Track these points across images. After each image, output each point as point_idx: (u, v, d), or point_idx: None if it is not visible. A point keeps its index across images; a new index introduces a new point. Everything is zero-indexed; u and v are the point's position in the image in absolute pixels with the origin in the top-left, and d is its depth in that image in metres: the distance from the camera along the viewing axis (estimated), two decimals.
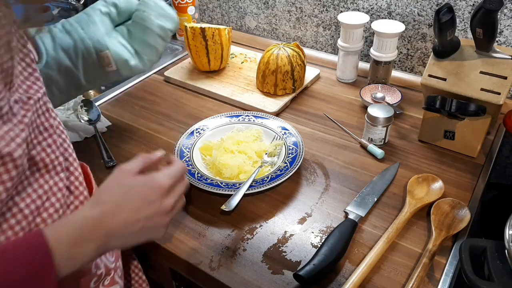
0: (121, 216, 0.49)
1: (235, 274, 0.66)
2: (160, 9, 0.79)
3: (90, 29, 0.76)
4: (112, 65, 0.77)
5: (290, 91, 1.05)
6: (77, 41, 0.75)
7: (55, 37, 0.74)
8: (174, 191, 0.54)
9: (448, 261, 0.66)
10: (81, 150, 0.93)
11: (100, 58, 0.76)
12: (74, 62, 0.75)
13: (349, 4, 1.15)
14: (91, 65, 0.76)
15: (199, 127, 0.92)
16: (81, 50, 0.75)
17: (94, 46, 0.75)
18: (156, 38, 0.80)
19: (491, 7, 0.70)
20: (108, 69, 0.78)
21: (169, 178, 0.54)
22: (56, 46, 0.74)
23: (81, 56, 0.75)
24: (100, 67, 0.77)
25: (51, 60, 0.73)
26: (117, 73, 0.80)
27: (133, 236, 0.51)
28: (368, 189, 0.79)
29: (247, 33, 1.40)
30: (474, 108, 0.77)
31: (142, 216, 0.50)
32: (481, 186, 0.79)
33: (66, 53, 0.74)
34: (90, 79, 0.78)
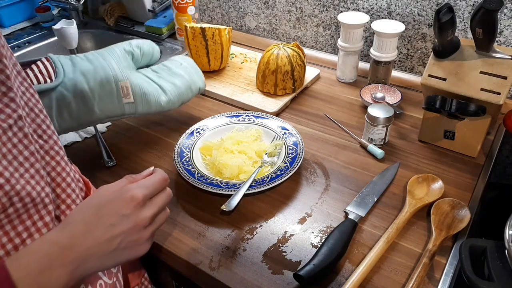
0: (93, 235, 0.46)
1: (235, 274, 0.66)
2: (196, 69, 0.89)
3: (112, 60, 0.77)
4: (130, 96, 0.77)
5: (290, 91, 1.05)
6: (98, 68, 0.75)
7: (75, 62, 0.75)
8: (152, 202, 0.51)
9: (448, 261, 0.66)
10: (81, 150, 0.93)
11: (119, 88, 0.76)
12: (91, 87, 0.74)
13: (349, 4, 1.15)
14: (108, 93, 0.76)
15: (199, 127, 0.92)
16: (100, 76, 0.75)
17: (114, 75, 0.75)
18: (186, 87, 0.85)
19: (491, 7, 0.70)
20: (125, 100, 0.77)
21: (143, 188, 0.50)
22: (76, 70, 0.74)
23: (99, 82, 0.75)
24: (118, 98, 0.77)
25: (68, 81, 0.73)
26: (134, 106, 0.79)
27: (111, 257, 0.47)
28: (368, 189, 0.79)
29: (247, 33, 1.40)
30: (474, 108, 0.77)
31: (117, 233, 0.47)
32: (481, 186, 0.79)
33: (84, 77, 0.74)
34: (104, 109, 0.77)
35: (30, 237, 0.45)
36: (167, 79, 0.83)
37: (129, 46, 0.81)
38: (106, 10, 1.48)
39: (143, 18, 1.45)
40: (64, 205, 0.51)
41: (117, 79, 0.76)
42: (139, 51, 0.82)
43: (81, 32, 1.36)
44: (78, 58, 0.76)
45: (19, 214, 0.44)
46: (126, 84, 0.76)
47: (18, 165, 0.44)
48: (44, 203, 0.46)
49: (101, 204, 0.48)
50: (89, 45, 1.53)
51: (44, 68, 0.73)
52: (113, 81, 0.75)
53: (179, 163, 0.83)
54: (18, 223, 0.44)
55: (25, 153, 0.45)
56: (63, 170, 0.50)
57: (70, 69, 0.74)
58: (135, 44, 0.83)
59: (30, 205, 0.44)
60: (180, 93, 0.84)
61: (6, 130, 0.42)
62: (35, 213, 0.45)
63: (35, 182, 0.45)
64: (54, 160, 0.50)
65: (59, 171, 0.50)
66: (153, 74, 0.83)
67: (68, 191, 0.51)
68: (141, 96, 0.79)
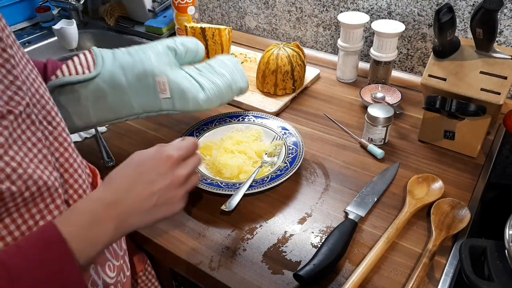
0: (135, 192, 0.49)
1: (235, 274, 0.66)
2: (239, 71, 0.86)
3: (152, 55, 0.77)
4: (167, 92, 0.76)
5: (290, 91, 1.05)
6: (137, 62, 0.75)
7: (116, 55, 0.76)
8: (186, 163, 0.55)
9: (448, 261, 0.66)
10: (81, 150, 0.92)
11: (156, 83, 0.76)
12: (129, 80, 0.74)
13: (349, 4, 1.15)
14: (145, 87, 0.75)
15: (199, 127, 0.92)
16: (138, 70, 0.74)
17: (151, 70, 0.75)
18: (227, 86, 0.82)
19: (491, 7, 0.70)
20: (162, 95, 0.77)
21: (178, 150, 0.54)
22: (115, 62, 0.74)
23: (137, 75, 0.74)
24: (154, 92, 0.76)
25: (106, 72, 0.73)
26: (171, 102, 0.78)
27: (150, 213, 0.51)
28: (368, 189, 0.79)
29: (247, 33, 1.40)
30: (474, 108, 0.77)
31: (156, 189, 0.51)
32: (481, 186, 0.79)
33: (123, 70, 0.74)
34: (140, 102, 0.76)
35: (42, 219, 0.47)
36: (208, 77, 0.82)
37: (173, 42, 0.81)
38: (106, 10, 1.48)
39: (143, 18, 1.45)
40: (72, 189, 0.52)
41: (154, 74, 0.75)
42: (183, 48, 0.81)
43: (81, 32, 1.36)
44: (119, 51, 0.77)
45: (34, 197, 0.45)
46: (163, 79, 0.76)
47: (27, 150, 0.45)
48: (55, 187, 0.48)
49: (139, 163, 0.52)
50: (89, 45, 1.53)
51: (85, 59, 0.74)
52: (150, 75, 0.75)
53: None
54: (32, 206, 0.46)
55: (33, 139, 0.46)
56: (70, 156, 0.52)
57: (110, 62, 0.74)
58: (179, 41, 0.82)
59: (44, 188, 0.46)
60: (220, 93, 0.82)
61: (17, 117, 0.44)
62: (48, 196, 0.47)
63: (43, 166, 0.46)
64: (62, 147, 0.51)
65: (66, 157, 0.51)
66: (195, 72, 0.82)
67: (75, 176, 0.53)
68: (178, 92, 0.77)
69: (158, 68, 0.76)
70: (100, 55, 0.74)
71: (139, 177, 0.51)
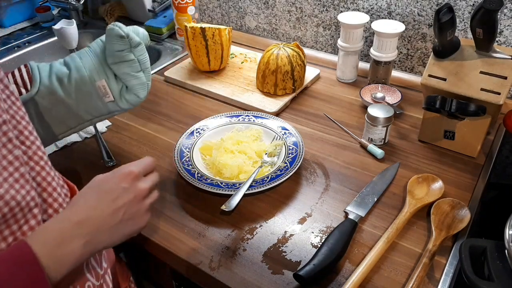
0: (101, 208, 0.50)
1: (235, 274, 0.66)
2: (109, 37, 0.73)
3: (88, 59, 0.73)
4: (109, 95, 0.73)
5: (290, 91, 1.05)
6: (72, 70, 0.72)
7: (53, 67, 0.73)
8: (147, 178, 0.57)
9: (448, 261, 0.66)
10: (81, 150, 0.93)
11: (96, 88, 0.72)
12: (67, 91, 0.71)
13: (349, 4, 1.15)
14: (86, 94, 0.72)
15: (199, 127, 0.92)
16: (75, 78, 0.71)
17: (89, 76, 0.72)
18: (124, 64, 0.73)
19: (491, 7, 0.70)
20: (106, 99, 0.74)
21: (136, 166, 0.56)
22: (52, 75, 0.71)
23: (74, 85, 0.71)
24: (98, 97, 0.73)
25: (44, 88, 0.70)
26: (116, 104, 0.75)
27: (118, 228, 0.51)
28: (368, 189, 0.79)
29: (247, 33, 1.40)
30: (474, 108, 0.77)
31: (121, 204, 0.52)
32: (481, 186, 0.79)
33: (59, 82, 0.71)
34: (88, 110, 0.74)
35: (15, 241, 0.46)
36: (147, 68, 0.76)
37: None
38: (106, 10, 1.48)
39: (143, 18, 1.45)
40: (52, 209, 0.51)
41: (93, 79, 0.72)
42: None
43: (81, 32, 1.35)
44: (57, 63, 0.74)
45: (6, 219, 0.44)
46: (103, 83, 0.72)
47: (2, 169, 0.44)
48: (29, 207, 0.47)
49: (102, 182, 0.54)
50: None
51: (20, 76, 0.70)
52: (88, 81, 0.72)
53: (179, 163, 0.83)
54: (4, 228, 0.45)
55: (9, 157, 0.45)
56: (48, 174, 0.51)
57: (46, 75, 0.71)
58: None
59: (17, 209, 0.45)
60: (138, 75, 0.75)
61: None
62: (22, 217, 0.46)
63: (19, 186, 0.45)
64: (39, 165, 0.50)
65: (44, 175, 0.51)
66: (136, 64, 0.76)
67: (55, 195, 0.52)
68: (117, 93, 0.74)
69: (96, 71, 0.72)
70: (36, 70, 0.71)
71: (104, 195, 0.52)
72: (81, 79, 0.72)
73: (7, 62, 1.34)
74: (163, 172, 0.86)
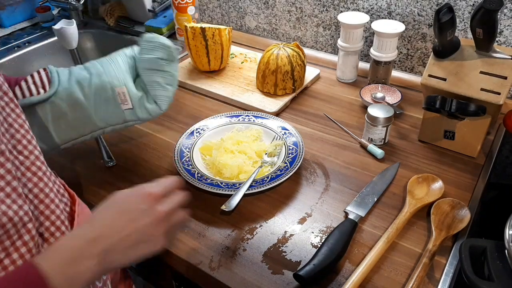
0: (117, 228, 0.49)
1: (235, 274, 0.66)
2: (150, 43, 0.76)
3: (109, 66, 0.74)
4: (128, 102, 0.73)
5: (290, 91, 1.05)
6: (93, 75, 0.72)
7: (72, 71, 0.73)
8: (168, 200, 0.54)
9: (448, 261, 0.66)
10: (81, 150, 0.93)
11: (116, 95, 0.73)
12: (87, 95, 0.71)
13: (349, 4, 1.15)
14: (104, 100, 0.72)
15: (199, 127, 0.92)
16: (95, 83, 0.72)
17: (110, 81, 0.72)
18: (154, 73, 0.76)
19: (491, 7, 0.70)
20: (124, 106, 0.73)
21: (158, 186, 0.53)
22: (71, 78, 0.72)
23: (94, 89, 0.72)
24: (116, 104, 0.73)
25: (63, 90, 0.70)
26: (134, 113, 0.75)
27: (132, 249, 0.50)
28: (368, 189, 0.79)
29: (247, 33, 1.40)
30: (474, 108, 0.77)
31: (137, 226, 0.50)
32: (481, 186, 0.79)
33: (79, 85, 0.71)
34: (103, 117, 0.73)
35: (8, 257, 0.45)
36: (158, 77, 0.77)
37: (131, 50, 0.79)
38: (106, 10, 1.48)
39: (143, 18, 1.45)
40: (49, 221, 0.51)
41: (113, 85, 0.72)
42: None
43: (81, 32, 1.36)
44: (76, 67, 0.75)
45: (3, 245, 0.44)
46: (123, 89, 0.73)
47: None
48: (23, 222, 0.46)
49: (121, 201, 0.52)
50: (89, 45, 1.53)
51: (39, 78, 0.70)
52: (109, 87, 0.72)
53: (179, 163, 0.83)
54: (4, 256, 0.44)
55: (0, 171, 0.44)
56: (45, 186, 0.50)
57: (65, 78, 0.72)
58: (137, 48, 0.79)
59: (10, 225, 0.44)
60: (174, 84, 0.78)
61: None
62: (15, 233, 0.45)
63: (11, 200, 0.45)
64: (36, 176, 0.50)
65: (41, 187, 0.50)
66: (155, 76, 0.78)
67: (52, 207, 0.51)
68: (138, 101, 0.74)
69: (117, 78, 0.73)
70: (55, 72, 0.72)
71: (121, 214, 0.50)
72: (101, 84, 0.72)
73: (7, 62, 1.34)
74: (163, 172, 0.86)
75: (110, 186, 0.83)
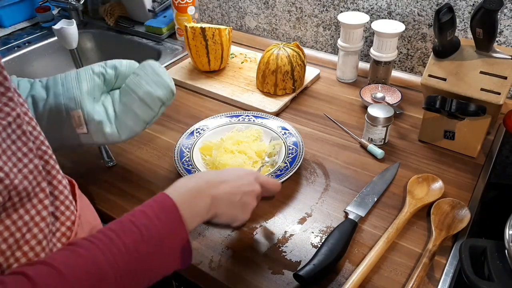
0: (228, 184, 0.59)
1: (235, 274, 0.66)
2: (155, 75, 0.74)
3: (70, 85, 0.70)
4: (83, 127, 0.70)
5: (290, 91, 1.05)
6: (50, 96, 0.70)
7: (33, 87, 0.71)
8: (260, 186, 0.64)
9: (448, 261, 0.66)
10: (81, 150, 0.93)
11: (70, 118, 0.69)
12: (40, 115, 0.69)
13: (349, 4, 1.15)
14: (58, 122, 0.70)
15: (199, 127, 0.92)
16: (50, 105, 0.69)
17: (66, 104, 0.69)
18: (140, 104, 0.72)
19: (491, 7, 0.70)
20: (79, 130, 0.70)
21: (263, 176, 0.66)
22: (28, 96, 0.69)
23: (49, 110, 0.69)
24: (69, 128, 0.70)
25: None
26: (89, 137, 0.71)
27: (232, 207, 0.60)
28: (368, 189, 0.79)
29: (247, 33, 1.40)
30: (474, 108, 0.77)
31: (240, 189, 0.60)
32: (481, 186, 0.79)
33: (34, 104, 0.69)
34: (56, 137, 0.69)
35: (29, 232, 0.47)
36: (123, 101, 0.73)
37: (100, 67, 0.74)
38: (106, 10, 1.48)
39: (143, 18, 1.45)
40: (58, 201, 0.53)
41: (69, 108, 0.69)
42: (113, 72, 0.74)
43: (81, 32, 1.36)
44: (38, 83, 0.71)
45: (16, 208, 0.46)
46: (78, 113, 0.69)
47: (17, 160, 0.46)
48: (38, 198, 0.48)
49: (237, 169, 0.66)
50: (89, 45, 1.53)
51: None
52: (63, 110, 0.69)
53: (179, 163, 0.83)
54: (17, 218, 0.46)
55: (23, 150, 0.47)
56: (53, 168, 0.52)
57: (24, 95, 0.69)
58: (110, 64, 0.75)
59: (26, 200, 0.47)
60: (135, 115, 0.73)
61: (5, 127, 0.45)
62: (31, 208, 0.48)
63: (32, 177, 0.47)
64: (47, 154, 0.52)
65: (49, 169, 0.52)
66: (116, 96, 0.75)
67: (60, 187, 0.53)
68: (95, 126, 0.70)
69: (74, 100, 0.69)
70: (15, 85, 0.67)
71: (234, 176, 0.62)
72: (56, 106, 0.69)
73: (7, 62, 1.34)
74: (163, 172, 0.86)
75: (110, 186, 0.83)
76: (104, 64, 0.75)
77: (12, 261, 0.46)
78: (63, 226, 0.53)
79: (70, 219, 0.54)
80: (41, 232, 0.48)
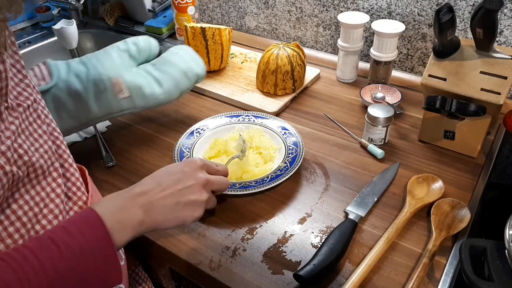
0: (161, 187, 0.56)
1: (235, 274, 0.66)
2: (193, 56, 0.88)
3: (105, 60, 0.80)
4: (124, 91, 0.79)
5: (290, 91, 1.05)
6: (90, 68, 0.78)
7: (70, 65, 0.78)
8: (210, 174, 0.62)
9: (448, 261, 0.66)
10: (81, 150, 0.93)
11: (112, 85, 0.78)
12: (85, 86, 0.77)
13: (349, 4, 1.15)
14: (101, 91, 0.78)
15: (199, 127, 0.92)
16: (92, 75, 0.77)
17: (106, 74, 0.78)
18: (181, 75, 0.84)
19: (491, 7, 0.70)
20: (120, 95, 0.79)
21: (202, 161, 0.63)
22: (70, 71, 0.77)
23: (92, 81, 0.77)
24: (112, 94, 0.78)
25: (61, 82, 0.76)
26: (131, 101, 0.81)
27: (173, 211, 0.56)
28: (368, 189, 0.79)
29: (247, 33, 1.40)
30: (474, 108, 0.77)
31: (180, 187, 0.57)
32: (481, 186, 0.79)
33: (77, 78, 0.77)
34: (101, 106, 0.78)
35: (46, 207, 0.51)
36: (162, 70, 0.84)
37: (124, 44, 0.83)
38: (106, 10, 1.48)
39: (143, 18, 1.45)
40: (70, 182, 0.56)
41: (109, 76, 0.78)
42: (135, 47, 0.84)
43: (81, 32, 1.36)
44: (74, 62, 0.80)
45: (33, 185, 0.49)
46: (118, 80, 0.78)
47: (34, 140, 0.50)
48: (52, 177, 0.52)
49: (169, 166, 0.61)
50: (89, 45, 1.53)
51: (39, 71, 0.76)
52: (105, 79, 0.77)
53: None
54: (35, 194, 0.49)
55: (39, 131, 0.51)
56: (64, 152, 0.56)
57: (64, 72, 0.77)
58: (130, 41, 0.84)
59: (41, 177, 0.50)
60: (176, 82, 0.84)
61: (25, 109, 0.49)
62: (47, 185, 0.51)
63: (47, 156, 0.51)
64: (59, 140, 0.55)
65: (60, 153, 0.55)
66: (150, 67, 0.84)
67: (71, 170, 0.56)
68: (136, 90, 0.80)
69: (112, 70, 0.79)
70: (54, 66, 0.77)
71: (167, 175, 0.58)
72: (99, 75, 0.77)
73: None
74: None
75: (110, 186, 0.83)
76: (125, 41, 0.84)
77: (33, 233, 0.49)
78: (76, 206, 0.56)
79: (82, 199, 0.57)
80: (57, 207, 0.52)
